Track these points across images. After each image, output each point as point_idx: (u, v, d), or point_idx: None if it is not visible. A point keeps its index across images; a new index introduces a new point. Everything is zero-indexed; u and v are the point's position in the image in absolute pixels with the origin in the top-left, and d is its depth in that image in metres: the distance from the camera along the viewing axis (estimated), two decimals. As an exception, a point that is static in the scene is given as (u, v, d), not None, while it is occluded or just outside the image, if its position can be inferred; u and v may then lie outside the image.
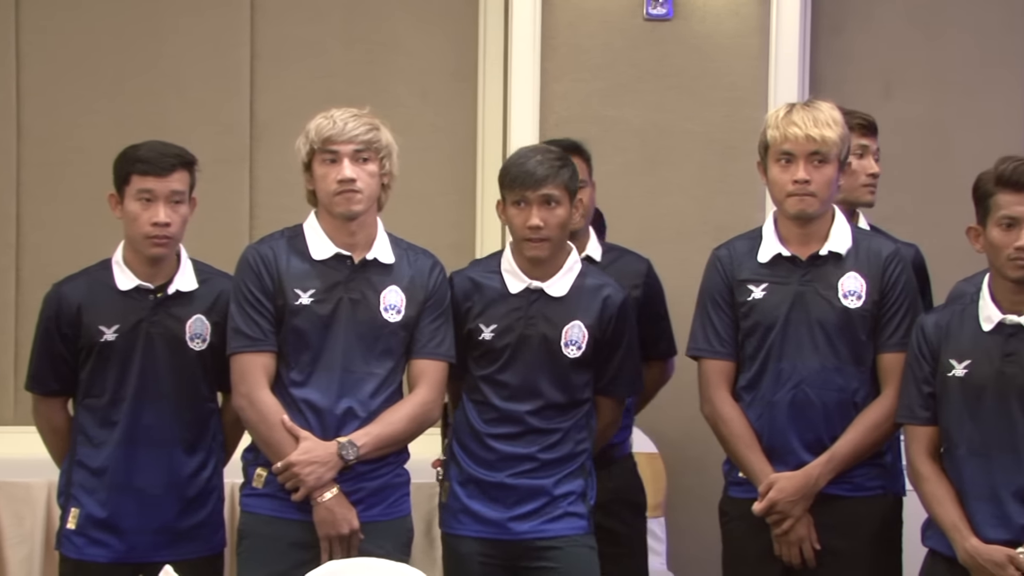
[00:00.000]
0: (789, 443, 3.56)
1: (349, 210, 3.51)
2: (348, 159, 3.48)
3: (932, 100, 5.33)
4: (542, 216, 3.55)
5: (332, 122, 3.49)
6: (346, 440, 3.46)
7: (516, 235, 3.62)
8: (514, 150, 4.41)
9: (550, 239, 3.57)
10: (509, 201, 3.61)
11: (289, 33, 5.31)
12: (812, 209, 3.54)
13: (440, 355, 3.61)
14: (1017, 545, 3.24)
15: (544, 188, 3.55)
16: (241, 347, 3.53)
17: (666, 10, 5.10)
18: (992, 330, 3.33)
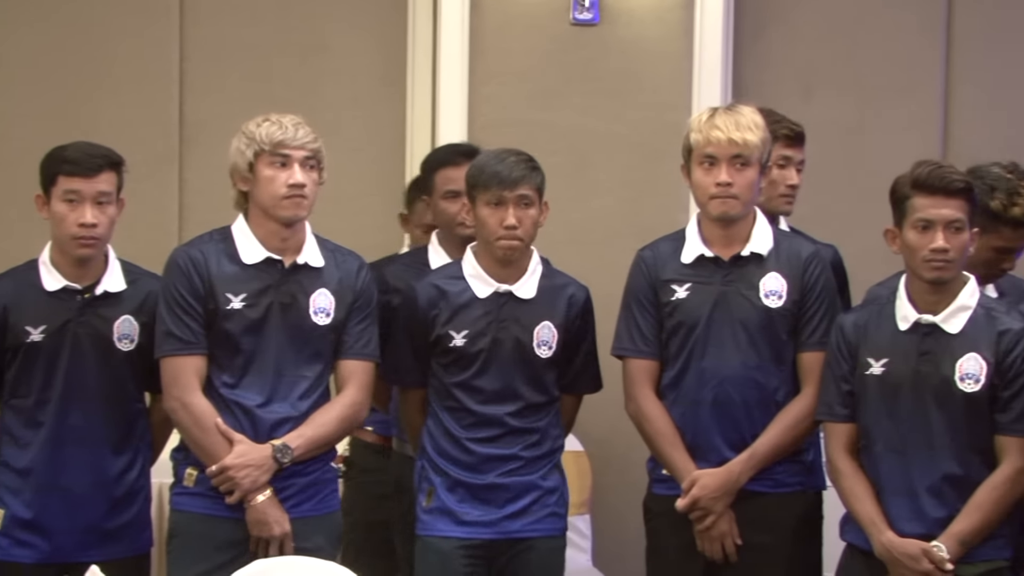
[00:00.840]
0: (712, 441, 3.56)
1: (296, 214, 3.48)
2: (298, 164, 3.45)
3: (851, 103, 5.39)
4: (518, 216, 3.53)
5: (283, 127, 3.45)
6: (280, 443, 3.43)
7: (489, 235, 3.56)
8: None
9: (523, 239, 3.56)
10: (482, 201, 3.56)
11: (219, 36, 5.27)
12: (734, 211, 3.54)
13: (367, 355, 3.59)
14: (931, 538, 3.26)
15: (520, 188, 3.54)
16: (173, 350, 3.47)
17: (592, 15, 5.10)
18: (908, 329, 3.35)
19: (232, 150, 3.52)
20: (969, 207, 3.28)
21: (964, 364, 3.29)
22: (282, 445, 3.43)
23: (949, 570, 3.23)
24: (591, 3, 5.08)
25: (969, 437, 3.29)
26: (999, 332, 3.30)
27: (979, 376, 3.28)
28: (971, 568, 3.26)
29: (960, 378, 3.29)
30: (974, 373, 3.28)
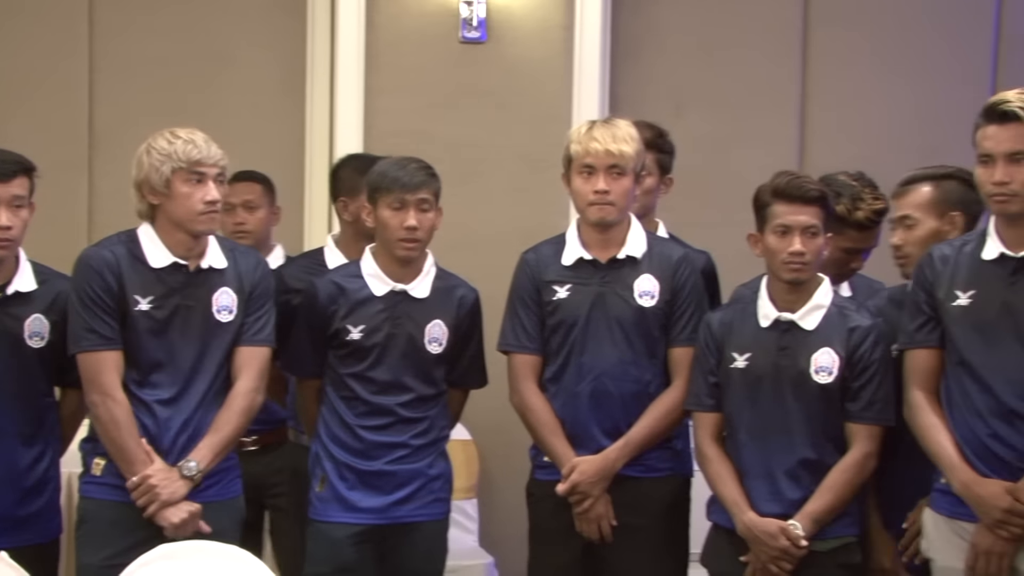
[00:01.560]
0: (590, 430, 3.59)
1: (210, 229, 3.46)
2: (212, 181, 3.43)
3: (717, 119, 5.44)
4: (418, 219, 3.54)
5: (198, 146, 3.41)
6: (186, 463, 3.40)
7: (390, 236, 3.57)
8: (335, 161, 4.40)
9: (421, 241, 3.57)
10: (384, 204, 3.56)
11: (127, 47, 5.21)
12: (611, 217, 3.58)
13: (261, 341, 3.55)
14: (788, 518, 3.31)
15: (421, 193, 3.55)
16: (93, 345, 3.42)
17: (480, 34, 5.12)
18: (769, 326, 3.40)
19: (142, 164, 3.45)
20: (824, 214, 3.34)
21: (818, 358, 3.35)
22: (187, 462, 3.40)
23: (803, 546, 3.28)
24: (479, 23, 5.10)
25: (823, 425, 3.35)
26: (850, 328, 3.35)
27: (832, 369, 3.34)
28: (823, 544, 3.32)
29: (815, 371, 3.34)
30: (827, 366, 3.34)
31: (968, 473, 3.14)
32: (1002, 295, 3.15)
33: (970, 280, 3.19)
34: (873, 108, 5.48)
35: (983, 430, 3.15)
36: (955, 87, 5.47)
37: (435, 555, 3.70)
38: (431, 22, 5.12)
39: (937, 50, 5.52)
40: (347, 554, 3.57)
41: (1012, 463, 3.11)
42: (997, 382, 3.14)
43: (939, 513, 3.26)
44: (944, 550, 3.25)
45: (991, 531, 3.10)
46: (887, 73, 5.50)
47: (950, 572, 3.22)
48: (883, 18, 5.52)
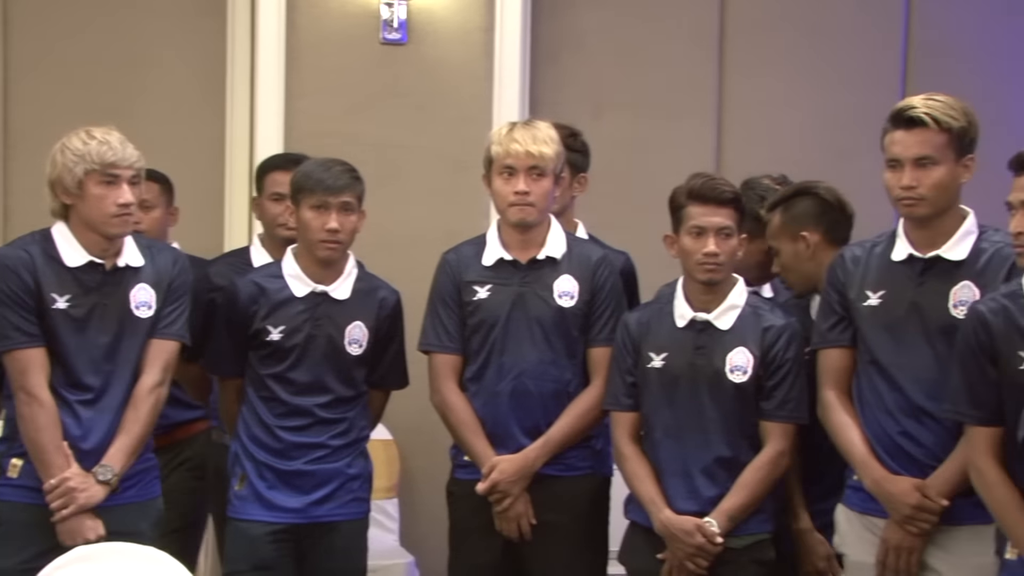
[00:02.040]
0: (510, 429, 3.58)
1: (123, 232, 3.41)
2: (127, 184, 3.37)
3: (635, 122, 5.44)
4: (340, 221, 3.51)
5: (112, 147, 3.35)
6: (100, 468, 3.35)
7: (312, 237, 3.54)
8: (259, 162, 4.35)
9: (343, 243, 3.55)
10: (307, 206, 3.53)
11: (43, 46, 5.12)
12: (531, 218, 3.57)
13: (170, 334, 3.51)
14: (705, 515, 3.33)
15: (343, 195, 3.52)
16: (18, 344, 3.35)
17: (400, 35, 5.09)
18: (685, 326, 3.42)
19: (56, 163, 3.39)
20: (738, 215, 3.37)
21: (733, 357, 3.37)
22: (102, 467, 3.35)
23: (719, 543, 3.30)
24: (399, 24, 5.07)
25: (738, 423, 3.37)
26: (764, 328, 3.38)
27: (747, 368, 3.36)
28: (738, 541, 3.34)
29: (730, 370, 3.36)
30: (742, 365, 3.36)
31: (879, 471, 3.17)
32: (910, 295, 3.19)
33: (880, 280, 3.23)
34: (787, 112, 5.52)
35: (893, 428, 3.19)
36: (866, 92, 5.53)
37: (355, 554, 3.68)
38: (352, 24, 5.08)
39: (849, 57, 5.58)
40: (265, 552, 3.54)
41: (921, 460, 3.16)
42: (906, 381, 3.18)
43: (851, 509, 3.30)
44: (856, 545, 3.29)
45: (901, 527, 3.14)
46: (801, 78, 5.55)
47: (862, 566, 3.26)
48: (797, 25, 5.58)
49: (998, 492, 2.94)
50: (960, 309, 3.11)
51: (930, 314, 3.16)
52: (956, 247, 3.16)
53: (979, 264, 3.15)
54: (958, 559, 3.13)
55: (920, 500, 3.11)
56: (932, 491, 3.11)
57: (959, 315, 3.10)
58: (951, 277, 3.16)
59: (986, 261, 3.15)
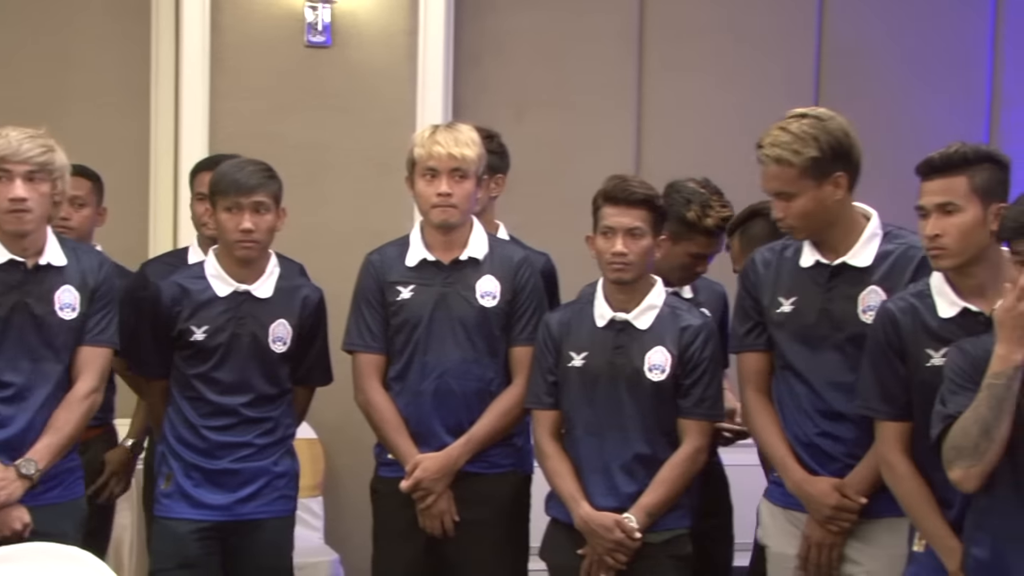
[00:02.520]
0: (433, 427, 3.57)
1: (19, 229, 3.32)
2: (20, 179, 3.29)
3: (557, 124, 5.46)
4: (253, 221, 3.48)
5: (8, 142, 3.29)
6: (24, 462, 3.29)
7: (227, 238, 3.51)
8: (185, 162, 4.31)
9: (259, 242, 3.51)
10: (222, 207, 3.51)
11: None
12: (453, 219, 3.56)
13: (103, 342, 3.46)
14: (624, 511, 3.33)
15: (256, 195, 3.49)
16: None
17: (325, 38, 5.07)
18: (605, 326, 3.42)
19: None
20: (651, 216, 3.35)
21: (652, 356, 3.36)
22: (25, 461, 3.29)
23: (637, 539, 3.30)
24: (324, 27, 5.05)
25: (656, 421, 3.37)
26: (681, 328, 3.38)
27: (665, 367, 3.35)
28: (657, 536, 3.34)
29: (648, 369, 3.35)
30: (660, 364, 3.36)
31: (799, 472, 3.20)
32: (820, 302, 3.21)
33: (792, 287, 3.25)
34: (705, 114, 5.56)
35: (812, 429, 3.21)
36: (781, 94, 5.56)
37: (280, 551, 3.65)
38: (276, 26, 5.05)
39: (764, 59, 5.63)
40: (191, 549, 3.51)
41: (840, 459, 3.19)
42: (821, 386, 3.21)
43: (774, 504, 3.33)
44: (778, 537, 3.32)
45: (823, 526, 3.17)
46: (718, 81, 5.60)
47: (783, 558, 3.29)
48: (714, 29, 5.62)
49: (907, 485, 2.98)
50: (869, 314, 3.13)
51: (840, 320, 3.17)
52: (860, 253, 3.18)
53: (884, 267, 3.17)
54: (876, 550, 3.17)
55: (840, 500, 3.13)
56: (850, 490, 3.14)
57: (868, 320, 3.12)
58: (858, 283, 3.17)
59: (891, 264, 3.17)
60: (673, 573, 3.37)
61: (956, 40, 5.78)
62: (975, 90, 5.77)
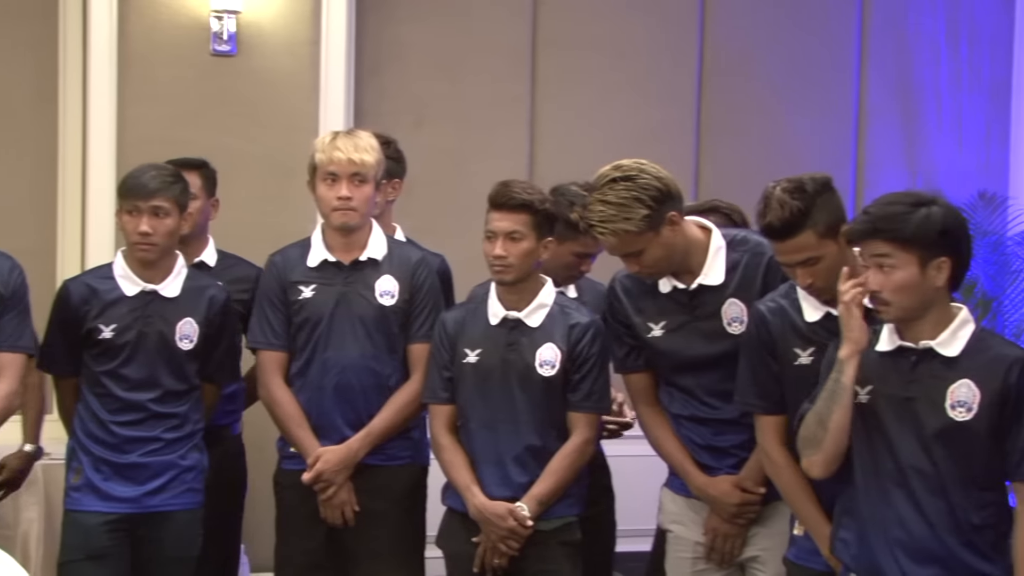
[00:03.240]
0: (334, 421, 3.56)
1: None
2: None
3: (454, 132, 5.47)
4: (151, 224, 3.44)
5: None
6: None
7: (128, 240, 3.49)
8: (93, 167, 4.25)
9: (158, 245, 3.47)
10: (124, 209, 3.48)
11: None
12: (353, 222, 3.56)
13: (19, 347, 3.42)
14: (516, 500, 3.33)
15: (155, 199, 3.45)
16: None
17: (230, 47, 5.02)
18: (498, 324, 3.42)
19: None
20: (532, 220, 3.34)
21: (542, 353, 3.37)
22: None
23: (529, 526, 3.31)
24: (229, 37, 5.00)
25: (547, 414, 3.38)
26: (570, 325, 3.38)
27: (555, 363, 3.36)
28: (548, 524, 3.35)
29: (539, 364, 3.36)
30: (550, 360, 3.36)
31: (700, 478, 3.26)
32: (686, 321, 3.24)
33: (659, 312, 3.29)
34: (594, 125, 5.59)
35: (706, 432, 3.27)
36: (665, 107, 5.67)
37: (188, 543, 3.61)
38: (182, 35, 5.00)
39: (650, 74, 5.69)
40: (100, 541, 3.47)
41: (735, 453, 3.24)
42: (705, 397, 3.27)
43: (675, 492, 3.38)
44: (679, 523, 3.37)
45: (730, 521, 3.23)
46: (606, 94, 5.63)
47: (683, 541, 3.35)
48: (603, 45, 5.66)
49: (785, 475, 3.04)
50: (734, 325, 3.19)
51: (709, 336, 3.21)
52: (711, 272, 3.21)
53: (737, 278, 3.21)
54: (769, 530, 3.23)
55: (742, 497, 3.20)
56: (749, 483, 3.20)
57: (734, 330, 3.18)
58: (717, 298, 3.21)
59: (742, 273, 3.21)
60: (564, 559, 3.38)
61: (827, 58, 5.90)
62: (844, 104, 5.90)
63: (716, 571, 3.30)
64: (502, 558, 3.36)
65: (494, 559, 3.36)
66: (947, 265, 2.67)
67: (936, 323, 2.71)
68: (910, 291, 2.67)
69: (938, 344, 2.71)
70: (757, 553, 3.25)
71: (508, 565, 3.36)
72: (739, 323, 3.18)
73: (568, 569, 3.39)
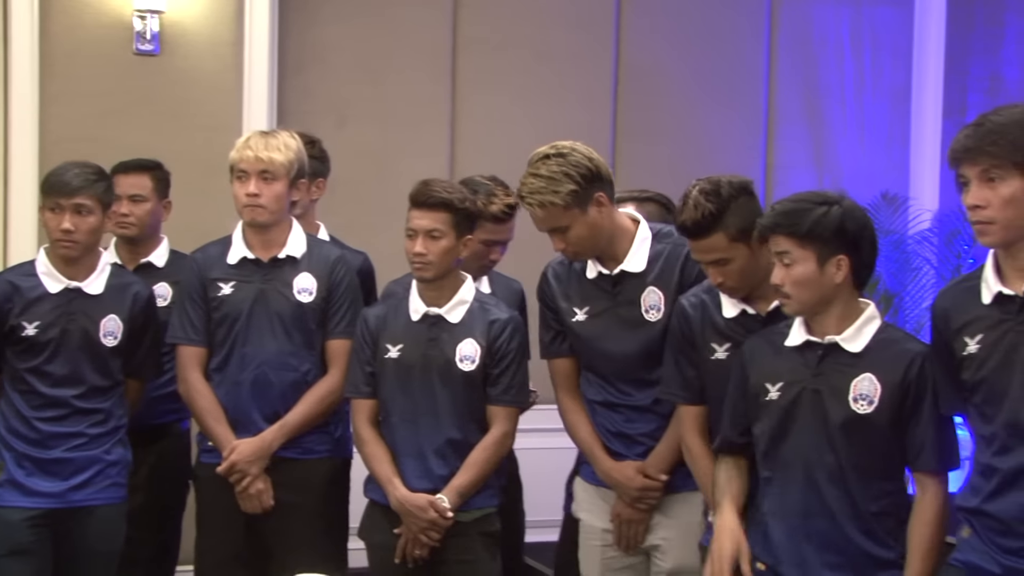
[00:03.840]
0: (251, 415, 3.51)
1: None
2: None
3: (376, 131, 5.42)
4: (73, 222, 3.36)
5: None
6: None
7: (50, 237, 3.41)
8: (14, 165, 4.14)
9: (80, 242, 3.39)
10: (46, 207, 3.41)
11: None
12: (261, 218, 3.51)
13: None
14: (437, 492, 3.31)
15: (77, 197, 3.37)
16: None
17: (153, 47, 4.93)
18: (419, 320, 3.39)
19: None
20: (452, 218, 3.31)
21: (462, 348, 3.34)
22: None
23: (449, 518, 3.29)
24: (152, 36, 4.91)
25: (467, 407, 3.35)
26: (490, 321, 3.37)
27: (475, 358, 3.34)
28: (467, 515, 3.33)
29: (459, 359, 3.33)
30: (470, 355, 3.34)
31: (606, 462, 3.25)
32: (608, 307, 3.24)
33: (583, 297, 3.29)
34: (513, 125, 5.55)
35: (617, 419, 3.27)
36: (581, 108, 5.68)
37: (112, 537, 3.53)
38: (105, 34, 4.90)
39: (567, 76, 5.68)
40: (23, 537, 3.38)
41: (643, 442, 3.23)
42: (620, 383, 3.26)
43: (587, 482, 3.38)
44: (590, 511, 3.37)
45: (632, 506, 3.22)
46: (525, 95, 5.62)
47: (593, 529, 3.34)
48: (521, 47, 5.64)
49: (701, 464, 3.05)
50: (652, 312, 3.19)
51: (627, 322, 3.21)
52: (633, 259, 3.22)
53: (658, 268, 3.21)
54: (673, 520, 3.23)
55: (644, 482, 3.19)
56: (652, 470, 3.20)
57: (651, 318, 3.18)
58: (638, 286, 3.21)
59: (663, 264, 3.22)
60: (482, 549, 3.36)
61: (737, 64, 5.93)
62: (754, 107, 5.94)
63: (623, 557, 3.30)
64: (423, 549, 3.32)
65: (415, 550, 3.33)
66: (845, 263, 2.70)
67: (841, 319, 2.74)
68: (808, 286, 2.69)
69: (843, 339, 2.73)
70: (659, 542, 3.26)
71: (429, 556, 3.33)
72: (656, 311, 3.19)
73: (487, 559, 3.37)
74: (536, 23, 5.65)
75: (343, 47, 5.42)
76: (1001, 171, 2.41)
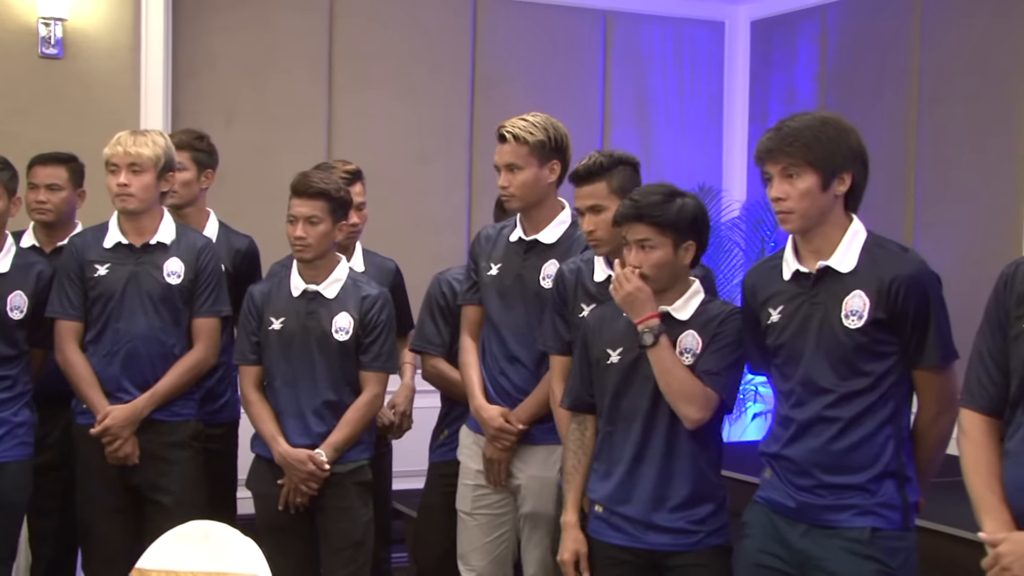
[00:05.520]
0: (123, 385, 3.35)
1: None
2: None
3: (261, 129, 5.27)
4: None
5: None
6: None
7: None
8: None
9: None
10: None
11: None
12: (131, 207, 3.34)
13: None
14: (315, 447, 3.23)
15: None
16: None
17: (57, 51, 4.67)
18: (299, 296, 3.28)
19: None
20: (328, 205, 3.21)
21: (338, 320, 3.25)
22: None
23: (327, 470, 3.20)
24: (56, 41, 4.65)
25: (342, 373, 3.25)
26: (362, 297, 3.27)
27: (348, 329, 3.25)
28: (343, 467, 3.24)
29: (335, 331, 3.24)
30: (345, 327, 3.24)
31: (479, 400, 3.19)
32: (516, 268, 3.16)
33: (500, 256, 3.19)
34: (383, 124, 5.48)
35: (496, 369, 3.19)
36: (443, 110, 5.66)
37: (21, 490, 3.34)
38: (12, 38, 4.62)
39: (430, 82, 5.60)
40: None
41: (512, 394, 3.16)
42: (509, 334, 3.16)
43: (470, 429, 3.29)
44: (468, 454, 3.29)
45: (491, 444, 3.16)
46: (393, 97, 5.53)
47: (468, 469, 3.28)
48: (390, 55, 5.53)
49: (560, 412, 2.95)
50: (547, 281, 3.10)
51: (527, 284, 3.14)
52: (549, 233, 3.15)
53: (565, 245, 3.14)
54: (531, 469, 3.16)
55: (502, 424, 3.12)
56: (513, 417, 3.12)
57: (546, 285, 3.10)
58: (544, 256, 3.15)
59: (571, 243, 3.14)
60: (356, 497, 3.26)
61: (578, 73, 5.88)
62: (591, 111, 5.94)
63: (492, 494, 3.21)
64: (303, 497, 3.22)
65: (296, 498, 3.22)
66: (692, 247, 2.69)
67: (676, 292, 2.73)
68: (664, 268, 2.66)
69: (674, 309, 2.72)
70: (520, 484, 3.18)
71: (308, 503, 3.23)
72: (551, 280, 3.11)
73: (360, 505, 3.26)
74: (403, 33, 5.55)
75: (230, 54, 5.25)
76: (798, 168, 2.44)
